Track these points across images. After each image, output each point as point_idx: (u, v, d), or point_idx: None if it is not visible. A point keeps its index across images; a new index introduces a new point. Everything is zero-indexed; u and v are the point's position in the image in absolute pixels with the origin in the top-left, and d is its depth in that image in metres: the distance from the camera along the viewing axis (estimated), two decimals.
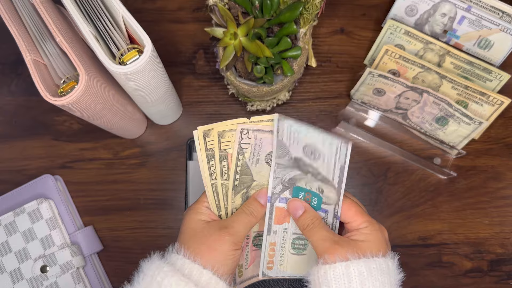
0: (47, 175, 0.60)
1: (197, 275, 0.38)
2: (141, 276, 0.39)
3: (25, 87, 0.65)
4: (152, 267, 0.39)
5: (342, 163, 0.42)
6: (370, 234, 0.40)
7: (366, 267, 0.37)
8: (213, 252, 0.39)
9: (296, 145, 0.42)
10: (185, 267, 0.38)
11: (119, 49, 0.47)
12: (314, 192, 0.43)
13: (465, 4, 0.59)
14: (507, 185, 0.62)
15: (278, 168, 0.43)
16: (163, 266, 0.38)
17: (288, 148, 0.42)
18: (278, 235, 0.44)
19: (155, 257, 0.40)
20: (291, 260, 0.45)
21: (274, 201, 0.44)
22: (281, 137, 0.42)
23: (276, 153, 0.43)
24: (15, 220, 0.56)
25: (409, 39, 0.62)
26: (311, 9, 0.53)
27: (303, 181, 0.43)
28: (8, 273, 0.55)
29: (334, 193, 0.43)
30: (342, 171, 0.42)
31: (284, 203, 0.44)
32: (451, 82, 0.59)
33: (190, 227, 0.42)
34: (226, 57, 0.51)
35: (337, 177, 0.43)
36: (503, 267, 0.60)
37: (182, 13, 0.67)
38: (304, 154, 0.42)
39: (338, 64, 0.65)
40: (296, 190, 0.43)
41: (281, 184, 0.43)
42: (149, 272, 0.39)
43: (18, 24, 0.48)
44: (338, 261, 0.38)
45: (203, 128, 0.43)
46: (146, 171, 0.63)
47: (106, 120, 0.52)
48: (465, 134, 0.59)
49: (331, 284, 0.37)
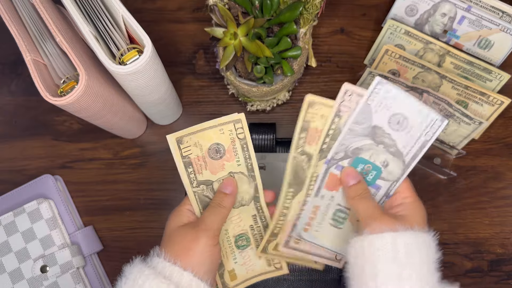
0: (47, 175, 0.60)
1: (178, 277, 0.38)
2: (123, 281, 0.39)
3: (25, 87, 0.65)
4: (134, 271, 0.39)
5: (428, 138, 0.41)
6: (417, 208, 0.41)
7: (414, 239, 0.38)
8: (189, 252, 0.40)
9: (384, 112, 0.41)
10: (166, 270, 0.39)
11: (119, 49, 0.47)
12: (376, 165, 0.42)
13: (465, 4, 0.59)
14: (507, 185, 0.62)
15: (349, 134, 0.42)
16: (145, 269, 0.39)
17: (371, 115, 0.41)
18: (324, 200, 0.44)
19: (137, 261, 0.40)
20: (327, 230, 0.45)
21: (331, 166, 0.43)
22: (370, 101, 0.41)
23: (355, 118, 0.41)
24: (15, 220, 0.56)
25: (409, 39, 0.62)
26: (311, 9, 0.53)
27: (369, 153, 0.42)
28: (8, 273, 0.55)
29: (400, 168, 0.41)
30: (422, 147, 0.41)
31: (339, 170, 0.43)
32: (451, 82, 0.59)
33: (169, 230, 0.43)
34: (226, 57, 0.51)
35: (413, 152, 0.41)
36: (503, 267, 0.60)
37: (182, 13, 0.67)
38: (389, 123, 0.41)
39: (338, 64, 0.65)
40: (356, 161, 0.43)
41: (344, 152, 0.43)
42: (131, 276, 0.39)
43: (18, 24, 0.48)
44: (386, 231, 0.38)
45: (175, 135, 0.43)
46: (146, 171, 0.63)
47: (106, 120, 0.52)
48: (465, 134, 0.59)
49: (377, 254, 0.37)
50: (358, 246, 0.39)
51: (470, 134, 0.59)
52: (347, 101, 0.42)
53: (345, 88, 0.42)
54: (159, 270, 0.39)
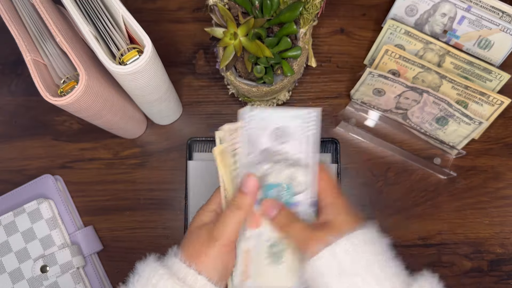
0: (47, 175, 0.60)
1: (192, 280, 0.37)
2: (136, 278, 0.39)
3: (25, 87, 0.65)
4: (147, 269, 0.38)
5: (313, 132, 0.40)
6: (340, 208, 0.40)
7: (350, 244, 0.37)
8: (202, 256, 0.39)
9: (264, 134, 0.41)
10: (181, 272, 0.38)
11: (119, 49, 0.47)
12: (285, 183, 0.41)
13: (465, 4, 0.59)
14: (507, 185, 0.62)
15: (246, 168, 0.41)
16: (159, 268, 0.38)
17: (257, 140, 0.41)
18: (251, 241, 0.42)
19: (151, 259, 0.40)
20: (270, 270, 0.42)
21: None
22: (246, 131, 0.41)
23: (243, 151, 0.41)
24: (15, 220, 0.57)
25: (409, 39, 0.62)
26: (311, 9, 0.53)
27: (272, 175, 0.41)
28: (8, 273, 0.55)
29: (306, 174, 0.41)
30: (314, 142, 0.40)
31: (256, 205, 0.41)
32: (451, 82, 0.59)
33: (190, 229, 0.42)
34: (226, 57, 0.51)
35: (309, 152, 0.40)
36: (503, 267, 0.60)
37: (182, 13, 0.67)
38: (273, 140, 0.40)
39: (338, 64, 0.65)
40: (266, 189, 0.41)
41: None
42: (144, 274, 0.38)
43: (18, 24, 0.48)
44: (321, 249, 0.37)
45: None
46: (146, 171, 0.63)
47: (106, 120, 0.52)
48: (465, 134, 0.59)
49: (324, 273, 0.36)
50: (307, 274, 0.38)
51: (470, 134, 0.59)
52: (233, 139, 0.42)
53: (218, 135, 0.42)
54: (174, 270, 0.38)
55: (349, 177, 0.62)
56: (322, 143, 0.62)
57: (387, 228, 0.60)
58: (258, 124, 0.41)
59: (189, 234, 0.41)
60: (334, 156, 0.62)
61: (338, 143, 0.62)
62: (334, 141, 0.62)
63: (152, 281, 0.37)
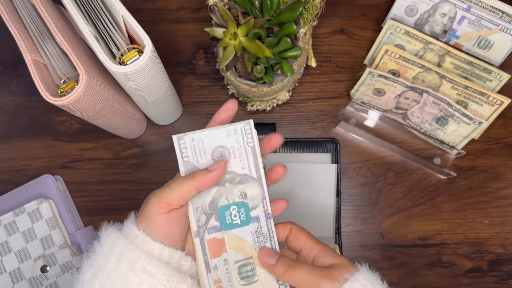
0: (47, 175, 0.60)
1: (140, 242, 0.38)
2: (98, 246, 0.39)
3: (25, 87, 0.65)
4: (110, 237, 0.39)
5: (252, 145, 0.40)
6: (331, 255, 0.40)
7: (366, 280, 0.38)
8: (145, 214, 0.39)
9: (204, 156, 0.40)
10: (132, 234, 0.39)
11: (119, 49, 0.47)
12: (238, 202, 0.41)
13: (465, 4, 0.59)
14: (507, 185, 0.62)
15: (195, 198, 0.40)
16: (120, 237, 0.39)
17: (197, 166, 0.40)
18: (220, 270, 0.41)
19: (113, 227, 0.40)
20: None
21: (203, 235, 0.41)
22: (186, 158, 0.40)
23: None
24: (15, 220, 0.57)
25: (409, 39, 0.62)
26: (311, 9, 0.53)
27: (223, 196, 0.41)
28: (9, 273, 0.55)
29: (257, 187, 0.40)
30: (255, 155, 0.40)
31: (214, 233, 0.41)
32: (451, 82, 0.59)
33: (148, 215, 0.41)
34: (226, 57, 0.51)
35: (253, 165, 0.40)
36: (503, 267, 0.60)
37: (182, 13, 0.67)
38: (215, 161, 0.40)
39: (338, 64, 0.65)
40: (221, 212, 0.41)
41: (204, 214, 0.41)
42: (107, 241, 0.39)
43: (18, 24, 0.48)
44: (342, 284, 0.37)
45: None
46: (146, 171, 0.63)
47: (106, 120, 0.52)
48: (465, 134, 0.59)
49: None
50: None
51: (470, 134, 0.59)
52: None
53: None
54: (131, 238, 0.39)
55: (349, 177, 0.62)
56: (322, 143, 0.62)
57: (387, 228, 0.61)
58: (194, 149, 0.40)
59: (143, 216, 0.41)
60: (334, 156, 0.62)
61: (338, 143, 0.62)
62: (334, 141, 0.62)
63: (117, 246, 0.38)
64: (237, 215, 0.41)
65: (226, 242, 0.41)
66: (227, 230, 0.41)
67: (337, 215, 0.60)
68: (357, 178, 0.62)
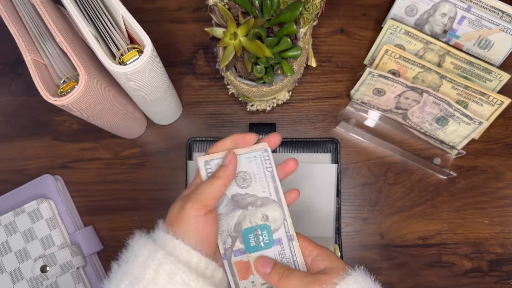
0: (47, 175, 0.60)
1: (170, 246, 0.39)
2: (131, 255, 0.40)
3: (25, 87, 0.65)
4: (137, 244, 0.40)
5: (270, 170, 0.42)
6: (327, 259, 0.41)
7: (356, 284, 0.38)
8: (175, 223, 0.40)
9: None
10: (161, 239, 0.40)
11: (119, 49, 0.47)
12: (261, 224, 0.42)
13: (465, 4, 0.59)
14: (507, 185, 0.62)
15: (221, 219, 0.42)
16: (149, 241, 0.40)
17: None
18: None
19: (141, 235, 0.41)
20: None
21: (230, 257, 0.43)
22: None
23: None
24: (15, 220, 0.57)
25: (409, 39, 0.62)
26: (311, 9, 0.53)
27: (247, 219, 0.42)
28: (8, 273, 0.55)
29: (277, 209, 0.42)
30: (274, 179, 0.42)
31: (240, 255, 0.43)
32: (451, 82, 0.59)
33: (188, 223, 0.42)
34: (226, 57, 0.51)
35: (272, 188, 0.42)
36: (503, 267, 0.60)
37: (182, 13, 0.67)
38: (239, 186, 0.42)
39: (338, 64, 0.65)
40: (245, 235, 0.43)
41: (229, 237, 0.43)
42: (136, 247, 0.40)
43: (18, 24, 0.48)
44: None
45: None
46: (146, 171, 0.63)
47: (106, 120, 0.52)
48: (465, 134, 0.59)
49: None
50: None
51: (470, 134, 0.59)
52: None
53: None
54: (160, 242, 0.39)
55: (349, 177, 0.62)
56: (322, 143, 0.62)
57: (387, 228, 0.61)
58: None
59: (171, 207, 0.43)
60: (334, 156, 0.62)
61: (338, 143, 0.62)
62: (334, 141, 0.62)
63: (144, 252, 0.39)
64: (260, 238, 0.43)
65: (252, 265, 0.43)
66: (252, 253, 0.43)
67: (337, 215, 0.60)
68: (357, 178, 0.62)
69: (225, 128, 0.64)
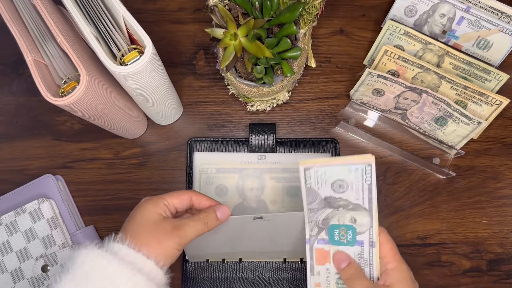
0: (48, 175, 0.61)
1: (141, 264, 0.39)
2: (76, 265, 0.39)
3: (26, 87, 0.65)
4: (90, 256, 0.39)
5: (369, 182, 0.43)
6: (400, 276, 0.42)
7: None
8: (160, 245, 0.41)
9: (325, 185, 0.44)
10: (129, 257, 0.40)
11: (120, 50, 0.47)
12: (348, 225, 0.44)
13: (464, 4, 0.60)
14: (506, 185, 0.62)
15: (310, 213, 0.45)
16: (104, 254, 0.39)
17: (317, 192, 0.44)
18: (321, 276, 0.46)
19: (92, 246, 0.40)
20: None
21: (313, 243, 0.46)
22: (309, 184, 0.44)
23: (306, 200, 0.44)
24: (16, 219, 0.57)
25: (408, 39, 0.62)
26: (310, 9, 0.53)
27: (336, 218, 0.44)
28: (9, 273, 0.56)
29: (367, 216, 0.43)
30: (371, 191, 0.43)
31: (322, 244, 0.45)
32: (450, 82, 0.59)
33: (145, 217, 0.44)
34: (226, 58, 0.51)
35: (366, 199, 0.43)
36: (502, 267, 0.60)
37: (183, 14, 0.67)
38: (333, 191, 0.43)
39: (337, 65, 0.66)
40: (331, 229, 0.45)
41: (317, 227, 0.45)
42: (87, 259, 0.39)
43: (19, 25, 0.48)
44: None
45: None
46: (146, 171, 0.63)
47: (107, 120, 0.53)
48: (464, 134, 0.60)
49: None
50: None
51: (469, 134, 0.59)
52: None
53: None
54: (121, 255, 0.39)
55: None
56: (321, 143, 0.62)
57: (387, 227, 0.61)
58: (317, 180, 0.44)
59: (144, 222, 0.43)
60: (334, 156, 0.62)
61: (337, 143, 0.62)
62: (333, 141, 0.62)
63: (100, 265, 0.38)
64: (344, 235, 0.45)
65: (330, 255, 0.45)
66: (334, 245, 0.45)
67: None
68: None
69: (225, 128, 0.64)
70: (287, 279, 0.58)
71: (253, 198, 0.61)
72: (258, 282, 0.58)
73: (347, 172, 0.43)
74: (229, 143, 0.62)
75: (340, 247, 0.45)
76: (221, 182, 0.61)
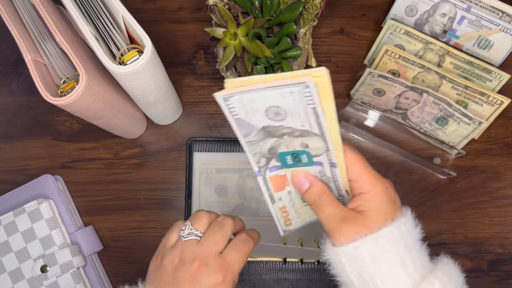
0: (47, 175, 0.60)
1: None
2: None
3: (26, 87, 0.65)
4: None
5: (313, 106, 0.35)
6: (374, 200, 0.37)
7: (375, 244, 0.36)
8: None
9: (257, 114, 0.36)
10: None
11: (119, 49, 0.47)
12: (299, 150, 0.38)
13: (465, 4, 0.59)
14: (507, 185, 0.62)
15: (251, 146, 0.38)
16: None
17: (250, 123, 0.36)
18: (284, 199, 0.42)
19: None
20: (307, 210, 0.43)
21: (264, 174, 0.41)
22: (236, 116, 0.36)
23: (240, 133, 0.37)
24: (15, 220, 0.57)
25: (409, 39, 0.62)
26: (311, 9, 0.53)
27: (283, 145, 0.38)
28: (8, 273, 0.55)
29: (320, 141, 0.37)
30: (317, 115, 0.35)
31: (276, 170, 0.40)
32: (451, 82, 0.59)
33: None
34: (226, 57, 0.51)
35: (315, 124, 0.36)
36: (502, 267, 0.60)
37: (182, 13, 0.67)
38: (270, 119, 0.36)
39: (338, 64, 0.65)
40: (281, 156, 0.39)
41: (264, 157, 0.39)
42: None
43: (18, 24, 0.48)
44: (345, 243, 0.36)
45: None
46: (146, 171, 0.63)
47: (106, 120, 0.52)
48: (465, 134, 0.59)
49: (345, 267, 0.37)
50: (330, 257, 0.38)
51: (469, 134, 0.59)
52: None
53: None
54: None
55: None
56: None
57: None
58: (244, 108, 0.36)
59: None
60: None
61: None
62: None
63: None
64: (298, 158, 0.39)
65: (288, 178, 0.41)
66: (290, 168, 0.40)
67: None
68: None
69: (225, 128, 0.64)
70: (287, 279, 0.58)
71: (253, 198, 0.60)
72: (258, 282, 0.58)
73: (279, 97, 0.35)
74: (229, 143, 0.62)
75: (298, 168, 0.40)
76: (221, 182, 0.61)
